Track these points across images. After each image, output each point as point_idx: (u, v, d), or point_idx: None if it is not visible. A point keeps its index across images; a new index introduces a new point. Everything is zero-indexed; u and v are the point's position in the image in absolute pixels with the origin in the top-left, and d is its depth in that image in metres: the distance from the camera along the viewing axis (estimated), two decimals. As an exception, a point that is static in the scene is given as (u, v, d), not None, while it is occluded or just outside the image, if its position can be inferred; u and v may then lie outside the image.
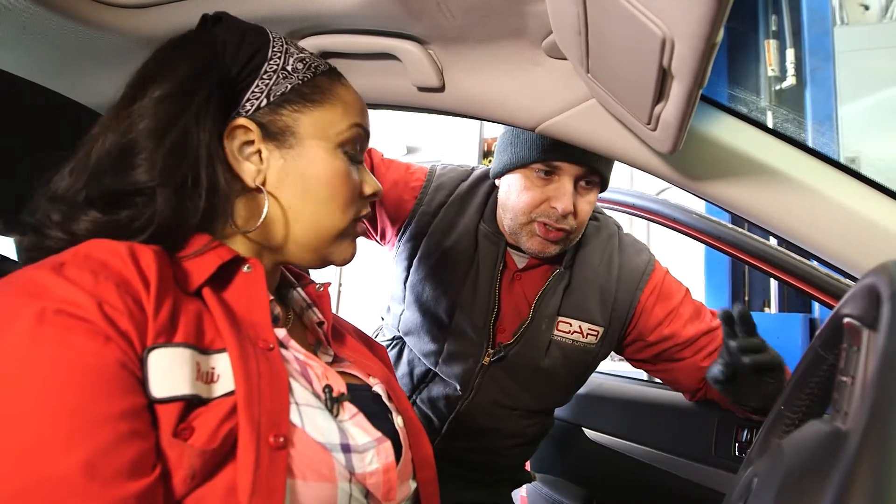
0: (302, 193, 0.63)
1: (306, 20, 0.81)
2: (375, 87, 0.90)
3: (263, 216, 0.61)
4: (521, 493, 1.74)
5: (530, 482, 1.43)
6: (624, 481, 1.47)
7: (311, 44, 0.84)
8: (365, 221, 1.22)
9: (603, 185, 1.08)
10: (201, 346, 0.51)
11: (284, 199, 0.63)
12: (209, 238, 0.58)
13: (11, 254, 0.78)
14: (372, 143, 0.78)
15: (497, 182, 1.16)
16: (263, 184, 0.62)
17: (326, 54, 0.87)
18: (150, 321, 0.48)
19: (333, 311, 0.73)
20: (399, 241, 1.21)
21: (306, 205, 0.63)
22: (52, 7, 0.78)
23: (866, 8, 2.94)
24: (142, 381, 0.46)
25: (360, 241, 1.27)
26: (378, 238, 1.27)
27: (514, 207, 1.08)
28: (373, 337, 1.37)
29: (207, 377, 0.49)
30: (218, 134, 0.60)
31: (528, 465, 1.51)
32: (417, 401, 1.24)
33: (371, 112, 0.72)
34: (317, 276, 1.14)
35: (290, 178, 0.62)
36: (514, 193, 1.08)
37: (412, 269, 1.19)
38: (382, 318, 1.35)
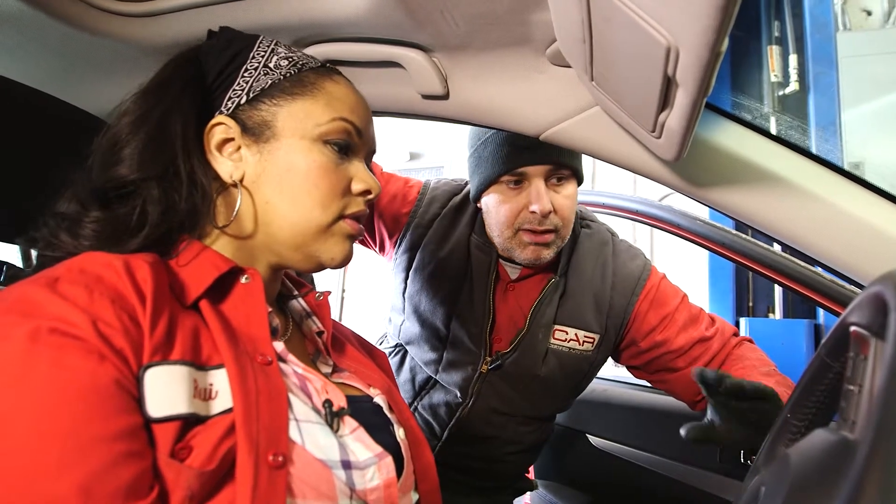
0: (279, 187, 0.61)
1: (311, 28, 0.81)
2: (380, 95, 0.90)
3: (236, 211, 0.61)
4: (524, 500, 1.73)
5: (532, 490, 1.43)
6: (628, 488, 1.46)
7: (316, 52, 0.84)
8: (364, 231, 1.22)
9: (578, 178, 1.08)
10: (198, 363, 0.50)
11: (263, 195, 0.61)
12: (198, 241, 0.60)
13: (16, 261, 0.78)
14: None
15: (479, 206, 1.17)
16: (242, 180, 0.61)
17: (331, 62, 0.87)
18: (146, 338, 0.47)
19: (336, 317, 0.73)
20: (396, 252, 1.23)
21: (283, 199, 0.61)
22: (57, 15, 0.78)
23: (869, 13, 2.94)
24: (138, 400, 0.45)
25: (361, 248, 1.29)
26: (377, 249, 1.29)
27: (498, 223, 1.09)
28: (377, 344, 1.38)
29: (205, 394, 0.49)
30: (196, 130, 0.61)
31: (531, 474, 1.50)
32: (419, 407, 1.25)
33: (375, 119, 0.72)
34: (318, 282, 1.14)
35: (266, 172, 0.61)
36: (493, 210, 1.10)
37: (409, 280, 1.21)
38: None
